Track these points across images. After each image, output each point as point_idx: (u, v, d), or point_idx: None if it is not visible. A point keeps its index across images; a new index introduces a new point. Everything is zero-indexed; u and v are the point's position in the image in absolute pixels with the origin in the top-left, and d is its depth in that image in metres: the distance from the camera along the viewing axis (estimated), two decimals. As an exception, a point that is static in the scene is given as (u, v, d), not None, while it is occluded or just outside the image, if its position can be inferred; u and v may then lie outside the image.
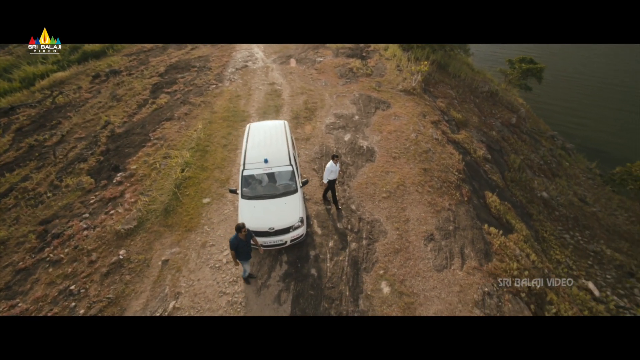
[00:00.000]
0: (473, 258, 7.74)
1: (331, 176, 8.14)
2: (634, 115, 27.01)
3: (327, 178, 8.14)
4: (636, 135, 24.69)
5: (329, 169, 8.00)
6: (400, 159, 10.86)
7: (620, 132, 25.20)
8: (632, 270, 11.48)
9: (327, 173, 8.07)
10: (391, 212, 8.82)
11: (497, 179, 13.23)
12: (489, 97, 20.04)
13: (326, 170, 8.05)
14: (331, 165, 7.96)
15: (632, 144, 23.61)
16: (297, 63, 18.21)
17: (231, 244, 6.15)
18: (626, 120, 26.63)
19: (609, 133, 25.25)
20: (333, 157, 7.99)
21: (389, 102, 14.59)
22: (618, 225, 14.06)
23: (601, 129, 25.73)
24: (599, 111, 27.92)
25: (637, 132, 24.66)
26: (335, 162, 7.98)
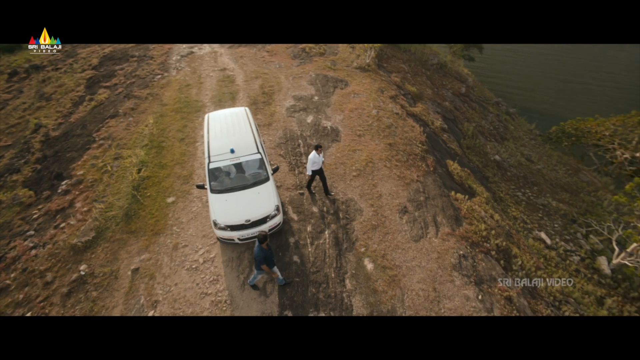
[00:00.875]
0: (445, 225, 8.10)
1: (314, 167, 7.87)
2: (565, 82, 30.00)
3: (311, 169, 7.88)
4: (567, 98, 27.44)
5: (312, 159, 7.70)
6: (365, 137, 10.92)
7: (554, 97, 27.85)
8: (574, 217, 12.82)
9: (310, 164, 7.77)
10: (364, 190, 8.89)
11: (455, 147, 13.88)
12: (439, 69, 20.72)
13: (309, 161, 7.75)
14: (314, 156, 7.67)
15: (564, 106, 26.22)
16: (247, 46, 17.33)
17: (260, 259, 5.73)
18: (558, 86, 29.54)
19: (544, 98, 27.77)
20: (316, 148, 7.67)
21: (346, 80, 14.50)
22: (559, 178, 15.54)
23: (538, 94, 28.22)
24: (535, 79, 30.60)
25: (568, 95, 27.37)
26: (318, 153, 7.69)
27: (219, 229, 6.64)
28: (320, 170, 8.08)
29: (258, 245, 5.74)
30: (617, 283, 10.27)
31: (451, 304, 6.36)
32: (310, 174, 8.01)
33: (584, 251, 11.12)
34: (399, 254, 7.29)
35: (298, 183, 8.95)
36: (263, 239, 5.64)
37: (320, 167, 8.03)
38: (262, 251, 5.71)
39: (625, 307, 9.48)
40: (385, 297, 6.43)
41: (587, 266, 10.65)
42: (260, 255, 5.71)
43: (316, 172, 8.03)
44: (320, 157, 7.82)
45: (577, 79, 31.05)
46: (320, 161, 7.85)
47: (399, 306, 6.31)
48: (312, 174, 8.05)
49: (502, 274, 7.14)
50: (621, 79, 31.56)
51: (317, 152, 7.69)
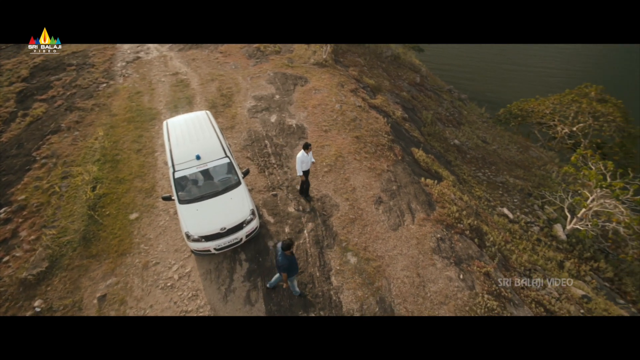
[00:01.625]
0: (420, 210, 8.28)
1: (303, 167, 7.55)
2: (506, 69, 32.46)
3: (301, 170, 7.53)
4: (511, 84, 29.58)
5: (300, 159, 7.33)
6: (331, 132, 10.86)
7: (498, 83, 30.02)
8: (530, 191, 13.78)
9: (299, 165, 7.40)
10: (337, 185, 8.83)
11: (418, 135, 14.31)
12: (393, 61, 21.27)
13: (297, 161, 7.37)
14: (302, 156, 7.32)
15: (507, 91, 28.29)
16: (199, 48, 16.56)
17: (283, 266, 5.32)
18: (501, 73, 31.92)
19: (489, 84, 29.78)
20: (306, 147, 7.33)
21: (306, 77, 14.37)
22: (512, 156, 16.64)
23: (484, 81, 30.19)
24: (480, 68, 32.78)
25: (510, 81, 29.64)
26: (307, 152, 7.35)
27: (192, 241, 6.22)
28: (307, 172, 7.82)
29: (282, 253, 5.34)
30: (572, 246, 11.19)
31: (436, 287, 6.50)
32: (301, 175, 7.65)
33: (541, 221, 11.98)
34: (380, 244, 7.32)
35: (270, 184, 8.68)
36: (287, 246, 5.25)
37: (308, 168, 7.76)
38: (285, 259, 5.34)
39: (581, 268, 10.35)
40: (373, 289, 6.42)
41: (546, 234, 11.48)
42: (285, 263, 5.33)
43: (305, 172, 7.76)
44: (310, 157, 7.51)
45: (516, 66, 33.57)
46: (309, 161, 7.53)
47: (387, 296, 6.33)
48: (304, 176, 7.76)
49: (477, 252, 7.44)
50: (554, 63, 34.65)
51: (305, 152, 7.33)
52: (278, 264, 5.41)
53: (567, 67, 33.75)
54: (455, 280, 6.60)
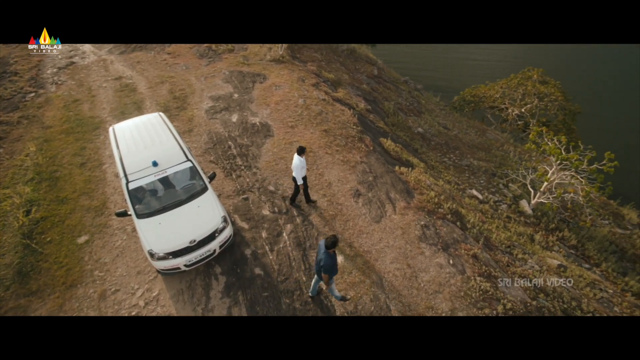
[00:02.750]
0: (400, 199, 8.04)
1: (303, 173, 6.89)
2: (456, 59, 34.05)
3: (301, 176, 6.86)
4: (459, 71, 30.97)
5: (299, 165, 6.66)
6: (298, 127, 10.34)
7: (449, 72, 31.35)
8: (493, 171, 14.26)
9: (299, 172, 6.71)
10: (312, 181, 8.32)
11: (383, 126, 14.22)
12: (350, 55, 21.17)
13: (296, 168, 6.68)
14: (299, 161, 6.65)
15: (459, 79, 29.55)
16: (143, 50, 15.20)
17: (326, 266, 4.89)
18: (450, 62, 33.40)
19: (441, 73, 30.99)
20: (301, 151, 6.68)
21: (264, 73, 13.71)
22: (472, 140, 17.21)
23: (436, 71, 31.37)
24: (430, 58, 34.08)
25: (460, 69, 30.95)
26: (302, 156, 6.71)
27: (157, 260, 5.39)
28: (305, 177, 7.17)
29: (325, 251, 4.92)
30: (539, 220, 11.67)
31: (428, 276, 6.25)
32: (302, 183, 6.94)
33: (508, 199, 12.39)
34: (365, 239, 6.94)
35: (239, 188, 7.96)
36: (332, 244, 4.84)
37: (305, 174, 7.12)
38: (330, 258, 4.92)
39: (549, 239, 10.80)
40: (365, 287, 6.01)
41: (514, 211, 11.87)
42: (329, 263, 4.90)
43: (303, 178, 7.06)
44: (304, 161, 6.89)
45: (463, 55, 35.29)
46: (304, 166, 6.90)
47: (380, 292, 5.95)
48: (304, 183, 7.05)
49: (461, 235, 7.34)
50: (499, 51, 36.93)
51: (300, 156, 6.68)
52: (321, 264, 4.96)
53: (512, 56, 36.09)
54: (446, 267, 6.39)
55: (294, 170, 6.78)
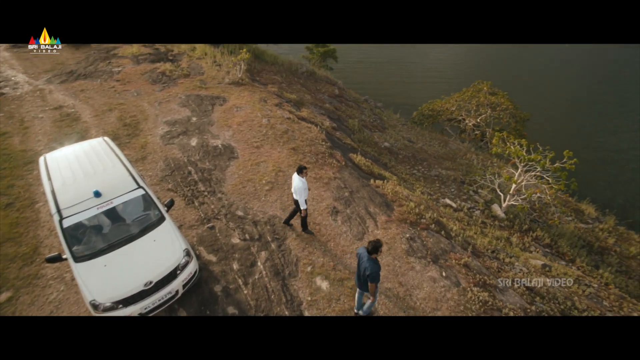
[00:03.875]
0: (380, 213, 7.57)
1: (306, 194, 6.18)
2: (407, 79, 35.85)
3: (304, 199, 6.15)
4: (412, 90, 32.47)
5: (302, 187, 5.96)
6: (264, 147, 9.72)
7: (403, 91, 32.73)
8: (462, 179, 14.44)
9: (302, 194, 6.02)
10: (284, 202, 7.65)
11: (350, 142, 14.01)
12: (310, 76, 21.25)
13: (298, 190, 5.97)
14: (302, 182, 5.97)
15: (415, 94, 30.90)
16: (88, 78, 14.01)
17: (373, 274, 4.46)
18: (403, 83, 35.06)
19: (396, 92, 32.27)
20: (300, 170, 6.00)
21: (223, 96, 13.10)
22: (437, 151, 17.54)
23: (391, 90, 32.61)
24: (385, 80, 35.64)
25: (413, 88, 32.48)
26: (303, 176, 6.03)
27: (104, 311, 4.35)
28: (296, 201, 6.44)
29: (368, 258, 4.51)
30: (512, 222, 11.76)
31: (422, 293, 5.70)
32: (306, 207, 6.26)
33: (481, 204, 12.45)
34: (350, 259, 6.31)
35: (203, 216, 7.07)
36: (375, 248, 4.45)
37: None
38: (375, 264, 4.48)
39: (525, 240, 10.84)
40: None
41: (487, 216, 11.89)
42: (375, 269, 4.45)
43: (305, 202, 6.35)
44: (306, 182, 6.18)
45: (414, 76, 37.23)
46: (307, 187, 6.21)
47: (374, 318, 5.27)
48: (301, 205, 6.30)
49: (448, 244, 6.95)
50: (446, 72, 39.46)
51: (301, 176, 6.01)
52: (367, 274, 4.48)
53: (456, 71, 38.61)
54: (440, 280, 5.90)
55: (295, 193, 6.08)
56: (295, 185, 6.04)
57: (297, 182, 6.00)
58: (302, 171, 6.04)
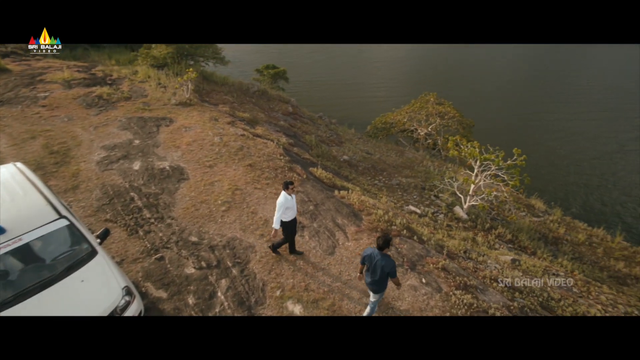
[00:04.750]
0: (349, 224, 7.12)
1: (288, 215, 5.44)
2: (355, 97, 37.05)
3: (280, 220, 5.41)
4: (366, 103, 33.53)
5: (284, 204, 5.28)
6: (218, 165, 8.96)
7: (356, 106, 33.63)
8: (422, 185, 14.63)
9: (279, 212, 5.32)
10: (244, 222, 6.91)
11: (309, 157, 13.64)
12: (262, 96, 20.87)
13: (279, 207, 5.26)
14: (285, 200, 5.27)
15: (366, 110, 31.84)
16: (6, 105, 12.29)
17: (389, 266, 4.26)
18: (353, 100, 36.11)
19: (350, 108, 33.04)
20: (286, 186, 5.33)
21: (170, 117, 12.17)
22: (395, 161, 17.81)
23: (342, 107, 33.33)
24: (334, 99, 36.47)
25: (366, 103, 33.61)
26: (289, 193, 5.35)
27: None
28: (294, 222, 5.68)
29: (380, 255, 4.28)
30: (474, 222, 11.97)
31: (405, 304, 5.24)
32: (278, 227, 5.49)
33: (443, 208, 12.57)
34: (323, 276, 5.71)
35: (149, 246, 6.10)
36: (386, 242, 4.23)
37: (294, 217, 5.65)
38: (389, 259, 4.26)
39: (489, 238, 11.02)
40: (336, 338, 4.68)
41: (451, 219, 12.01)
42: (392, 263, 4.25)
43: (291, 223, 5.61)
44: (294, 200, 5.47)
45: (362, 93, 38.50)
46: (294, 206, 5.51)
47: (355, 340, 4.68)
48: (284, 227, 5.58)
49: (423, 249, 6.65)
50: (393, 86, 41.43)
51: (287, 192, 5.34)
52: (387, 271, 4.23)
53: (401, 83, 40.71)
54: (420, 287, 5.50)
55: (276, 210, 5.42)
56: (278, 202, 5.39)
57: (280, 199, 5.36)
58: (287, 187, 5.42)
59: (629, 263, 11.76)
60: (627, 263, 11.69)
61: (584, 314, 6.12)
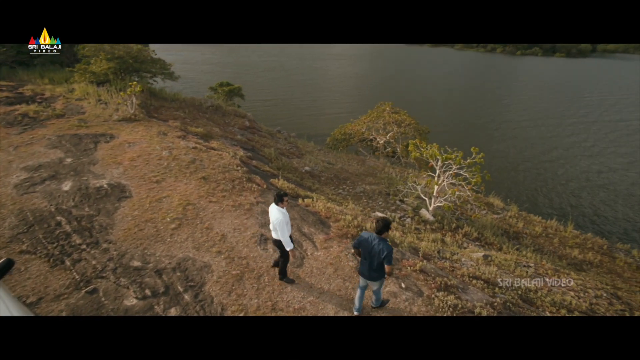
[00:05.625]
0: (316, 232, 6.52)
1: (289, 230, 4.83)
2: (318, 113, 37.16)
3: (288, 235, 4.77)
4: (323, 119, 33.67)
5: (283, 220, 4.64)
6: (166, 180, 8.01)
7: (314, 121, 33.65)
8: (387, 191, 14.50)
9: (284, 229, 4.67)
10: (197, 240, 6.05)
11: (269, 169, 12.98)
12: (216, 111, 19.96)
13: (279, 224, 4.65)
14: (283, 215, 4.70)
15: (324, 123, 31.93)
16: None
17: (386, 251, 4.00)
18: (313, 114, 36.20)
19: (309, 122, 32.97)
20: (279, 199, 4.77)
21: (110, 133, 10.96)
22: (357, 169, 17.65)
23: (303, 121, 33.23)
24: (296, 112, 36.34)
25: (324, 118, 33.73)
26: (283, 205, 4.80)
27: None
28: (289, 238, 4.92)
29: (379, 239, 4.10)
30: (441, 223, 11.93)
31: (385, 312, 4.69)
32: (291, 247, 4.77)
33: (410, 212, 12.44)
34: (292, 292, 5.00)
35: (79, 278, 5.02)
36: (385, 226, 4.10)
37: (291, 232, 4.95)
38: (388, 245, 4.07)
39: (457, 237, 10.99)
40: None
41: (419, 222, 11.88)
42: (391, 248, 4.06)
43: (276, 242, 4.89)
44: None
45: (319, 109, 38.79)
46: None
47: None
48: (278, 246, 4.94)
49: (398, 252, 6.21)
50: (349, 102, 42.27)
51: (281, 206, 4.78)
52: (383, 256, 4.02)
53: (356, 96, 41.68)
54: (401, 293, 5.00)
55: (276, 229, 4.70)
56: (274, 219, 4.70)
57: (276, 215, 4.68)
58: (282, 199, 4.77)
59: (582, 250, 12.33)
60: (581, 250, 12.24)
61: (560, 302, 6.00)
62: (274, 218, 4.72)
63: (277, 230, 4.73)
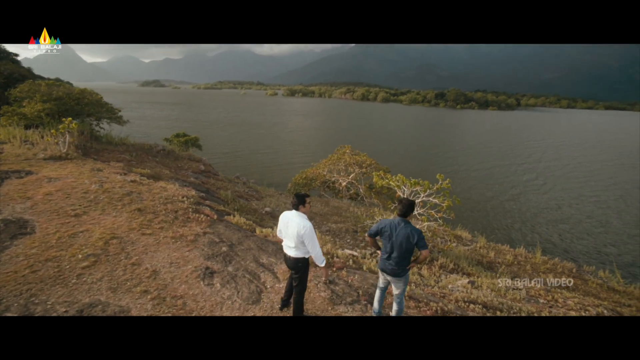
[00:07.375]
0: (277, 262, 5.28)
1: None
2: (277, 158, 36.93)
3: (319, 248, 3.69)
4: (283, 164, 33.22)
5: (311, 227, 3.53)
6: (89, 214, 6.45)
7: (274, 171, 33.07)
8: (354, 229, 13.57)
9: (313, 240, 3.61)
10: (117, 279, 4.52)
11: (224, 209, 11.61)
12: (168, 155, 18.55)
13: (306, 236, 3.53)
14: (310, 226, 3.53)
15: (283, 168, 31.41)
16: None
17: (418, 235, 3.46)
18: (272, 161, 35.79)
19: (268, 172, 32.25)
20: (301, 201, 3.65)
21: (28, 169, 9.27)
22: (321, 210, 16.72)
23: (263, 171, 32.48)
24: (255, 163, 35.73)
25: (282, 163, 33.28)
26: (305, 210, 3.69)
27: None
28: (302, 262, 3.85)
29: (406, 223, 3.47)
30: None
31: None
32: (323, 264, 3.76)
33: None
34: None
35: None
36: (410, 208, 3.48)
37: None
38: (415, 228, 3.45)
39: (433, 270, 10.10)
40: None
41: (391, 257, 10.91)
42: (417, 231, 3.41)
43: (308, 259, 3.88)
44: None
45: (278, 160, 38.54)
46: None
47: None
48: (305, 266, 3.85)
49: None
50: (308, 152, 42.73)
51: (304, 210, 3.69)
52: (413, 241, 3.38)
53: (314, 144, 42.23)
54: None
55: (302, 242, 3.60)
56: (297, 229, 3.54)
57: (297, 223, 3.56)
58: (303, 201, 3.64)
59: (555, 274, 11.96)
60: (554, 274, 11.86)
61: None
62: (295, 228, 3.52)
63: (299, 246, 3.53)
